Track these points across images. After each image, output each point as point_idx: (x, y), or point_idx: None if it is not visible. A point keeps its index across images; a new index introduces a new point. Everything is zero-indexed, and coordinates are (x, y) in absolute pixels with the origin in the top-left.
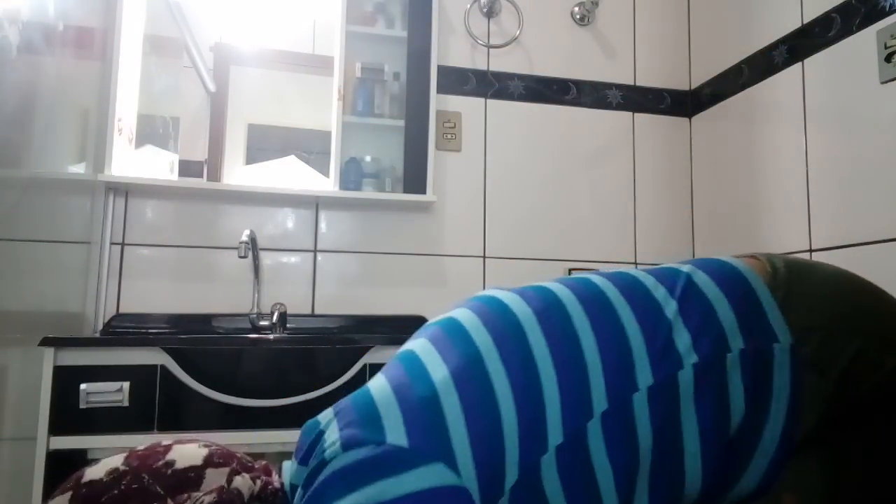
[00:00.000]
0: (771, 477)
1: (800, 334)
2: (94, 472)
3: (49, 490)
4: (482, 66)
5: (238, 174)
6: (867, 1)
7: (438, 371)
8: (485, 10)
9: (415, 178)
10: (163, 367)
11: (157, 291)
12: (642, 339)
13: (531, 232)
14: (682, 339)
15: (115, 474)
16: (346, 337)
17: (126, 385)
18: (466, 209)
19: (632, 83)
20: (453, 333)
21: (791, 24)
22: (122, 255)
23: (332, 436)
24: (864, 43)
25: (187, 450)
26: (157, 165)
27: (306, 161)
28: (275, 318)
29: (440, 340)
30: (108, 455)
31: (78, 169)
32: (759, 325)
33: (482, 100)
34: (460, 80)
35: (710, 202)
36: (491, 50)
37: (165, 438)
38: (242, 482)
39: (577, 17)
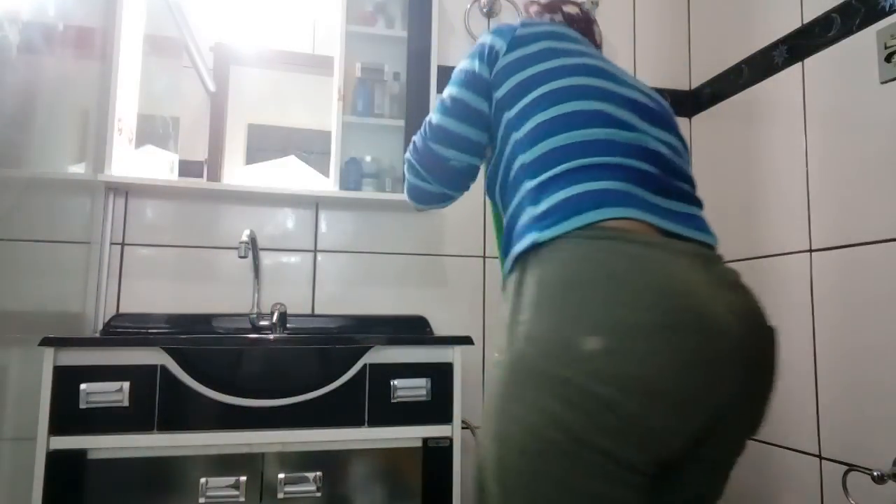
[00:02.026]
0: None
1: None
2: None
3: (49, 490)
4: None
5: (238, 174)
6: (867, 1)
7: None
8: (485, 10)
9: None
10: (163, 367)
11: (157, 291)
12: None
13: None
14: None
15: None
16: (346, 337)
17: (126, 385)
18: (466, 209)
19: None
20: None
21: (791, 24)
22: (122, 255)
23: None
24: (864, 43)
25: None
26: (157, 165)
27: (306, 161)
28: (275, 318)
29: None
30: (109, 456)
31: (78, 169)
32: None
33: None
34: None
35: (709, 202)
36: None
37: None
38: None
39: None
